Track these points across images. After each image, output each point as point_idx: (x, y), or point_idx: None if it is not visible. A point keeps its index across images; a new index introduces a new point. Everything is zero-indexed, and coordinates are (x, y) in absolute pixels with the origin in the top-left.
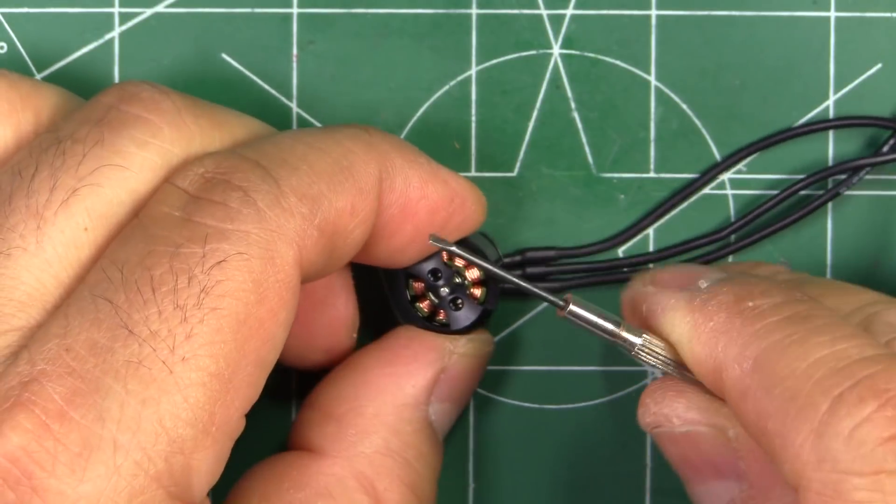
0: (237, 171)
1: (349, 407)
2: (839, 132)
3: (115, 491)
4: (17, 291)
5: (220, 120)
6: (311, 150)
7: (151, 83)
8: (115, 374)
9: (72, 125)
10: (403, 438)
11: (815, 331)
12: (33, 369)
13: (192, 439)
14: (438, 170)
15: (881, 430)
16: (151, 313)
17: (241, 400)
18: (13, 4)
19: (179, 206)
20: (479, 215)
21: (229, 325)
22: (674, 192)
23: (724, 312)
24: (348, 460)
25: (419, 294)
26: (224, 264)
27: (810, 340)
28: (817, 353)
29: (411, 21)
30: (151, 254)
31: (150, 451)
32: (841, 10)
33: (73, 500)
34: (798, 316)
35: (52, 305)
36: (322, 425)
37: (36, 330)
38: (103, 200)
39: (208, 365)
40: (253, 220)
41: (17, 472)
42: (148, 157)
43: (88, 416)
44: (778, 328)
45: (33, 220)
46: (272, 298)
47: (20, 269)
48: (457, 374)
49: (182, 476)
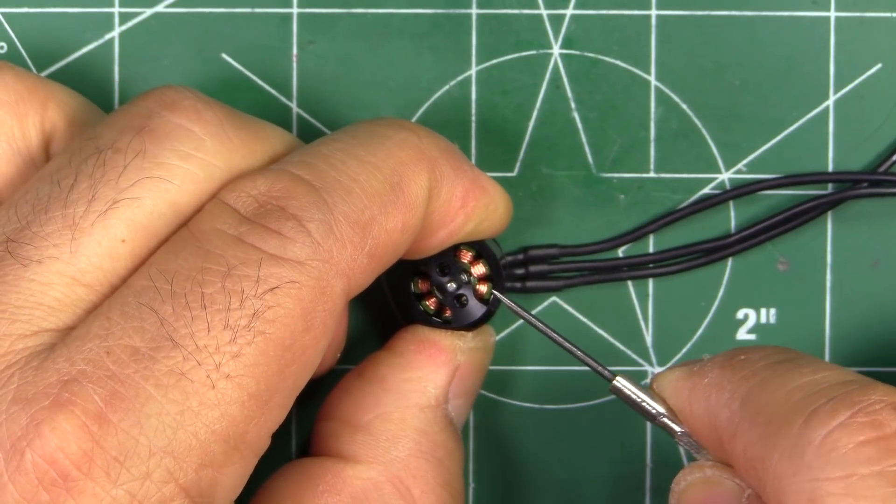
0: (291, 196)
1: (375, 415)
2: (839, 132)
3: (146, 496)
4: (47, 297)
5: (259, 133)
6: (362, 167)
7: (192, 90)
8: (157, 382)
9: (112, 132)
10: (432, 438)
11: (799, 365)
12: (73, 368)
13: (223, 454)
14: (479, 177)
15: (852, 435)
16: (199, 329)
17: (274, 421)
18: (13, 4)
19: (233, 225)
20: (507, 220)
21: (275, 350)
22: (700, 197)
23: (717, 368)
24: (384, 465)
25: (424, 292)
26: (277, 291)
27: (793, 371)
28: (798, 380)
29: (411, 21)
30: (203, 270)
31: (183, 461)
32: (841, 10)
33: (106, 503)
34: (785, 360)
35: (83, 311)
36: (350, 434)
37: (67, 333)
38: (143, 212)
39: (250, 385)
40: (307, 250)
41: (53, 473)
42: (190, 170)
43: (127, 420)
44: (764, 369)
45: (68, 230)
46: (318, 327)
47: (51, 276)
48: (468, 369)
49: (209, 488)
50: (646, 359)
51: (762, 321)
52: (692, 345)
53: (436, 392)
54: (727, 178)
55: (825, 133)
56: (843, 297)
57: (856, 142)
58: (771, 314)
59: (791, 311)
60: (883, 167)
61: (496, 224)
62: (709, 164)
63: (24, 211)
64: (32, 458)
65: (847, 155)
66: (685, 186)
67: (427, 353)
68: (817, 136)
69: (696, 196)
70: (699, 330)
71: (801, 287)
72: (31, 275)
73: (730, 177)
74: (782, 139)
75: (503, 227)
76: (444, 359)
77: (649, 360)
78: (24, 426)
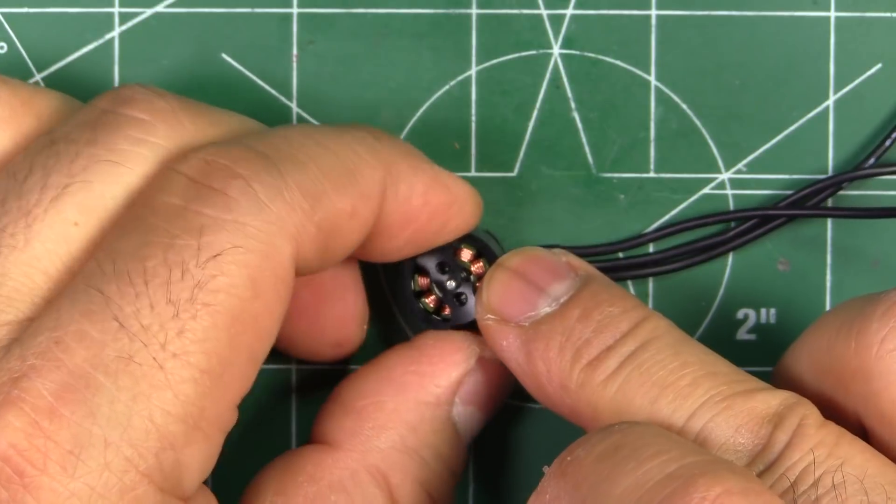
0: (242, 159)
1: (370, 401)
2: (839, 132)
3: (106, 487)
4: (5, 287)
5: (217, 119)
6: (319, 149)
7: (147, 86)
8: (105, 369)
9: (66, 127)
10: (420, 436)
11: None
12: (23, 364)
13: (183, 435)
14: (440, 175)
15: None
16: (143, 306)
17: (232, 394)
18: (13, 4)
19: (178, 192)
20: (475, 218)
21: (223, 321)
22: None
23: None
24: (362, 454)
25: (424, 289)
26: (219, 258)
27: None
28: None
29: (411, 21)
30: (146, 245)
31: (141, 448)
32: (841, 10)
33: (64, 497)
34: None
35: (41, 299)
36: (340, 418)
37: (27, 324)
38: (95, 195)
39: (200, 361)
40: (252, 211)
41: (8, 470)
42: (142, 153)
43: (79, 412)
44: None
45: (23, 219)
46: (267, 293)
47: (8, 266)
48: (483, 377)
49: (172, 471)
50: None
51: (762, 321)
52: None
53: (437, 391)
54: (727, 178)
55: (825, 133)
56: (843, 297)
57: (856, 142)
58: (771, 314)
59: (791, 311)
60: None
61: (465, 222)
62: (709, 164)
63: None
64: None
65: (847, 155)
66: (685, 186)
67: (440, 349)
68: (817, 136)
69: (697, 196)
70: (699, 330)
71: (801, 287)
72: None
73: (730, 177)
74: (782, 139)
75: (473, 225)
76: (457, 358)
77: None
78: None
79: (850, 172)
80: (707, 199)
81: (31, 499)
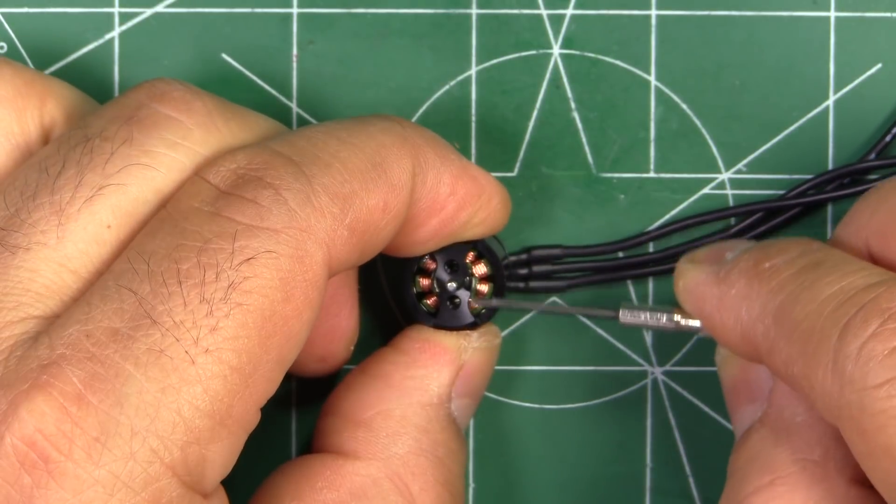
0: (269, 167)
1: (376, 411)
2: (839, 132)
3: (130, 477)
4: (35, 283)
5: (249, 122)
6: (343, 146)
7: (182, 82)
8: (136, 361)
9: (101, 122)
10: (433, 437)
11: (825, 273)
12: (53, 353)
13: (209, 430)
14: (468, 166)
15: (885, 343)
16: (176, 305)
17: (259, 394)
18: (13, 4)
19: (209, 200)
20: (504, 213)
21: (254, 321)
22: (714, 210)
23: (744, 278)
24: (383, 461)
25: (425, 291)
26: (252, 261)
27: (821, 282)
28: (827, 291)
29: (411, 21)
30: (179, 247)
31: (167, 440)
32: (841, 10)
33: (88, 484)
34: (810, 265)
35: (70, 298)
36: (351, 430)
37: (54, 320)
38: (128, 199)
39: (230, 358)
40: (283, 218)
41: (34, 455)
42: (177, 159)
43: (107, 400)
44: (791, 280)
45: (55, 216)
46: (298, 297)
47: (39, 263)
48: (472, 369)
49: (196, 466)
50: (646, 359)
51: None
52: (692, 345)
53: (438, 391)
54: (727, 178)
55: (825, 133)
56: None
57: (856, 142)
58: None
59: None
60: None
61: (494, 216)
62: (709, 164)
63: (13, 198)
64: (12, 441)
65: (847, 155)
66: (685, 186)
67: (431, 352)
68: (817, 136)
69: (697, 196)
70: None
71: None
72: (19, 262)
73: (730, 177)
74: (782, 139)
75: (503, 221)
76: (448, 358)
77: (649, 361)
78: (3, 411)
79: (852, 165)
80: (707, 198)
81: (54, 485)
